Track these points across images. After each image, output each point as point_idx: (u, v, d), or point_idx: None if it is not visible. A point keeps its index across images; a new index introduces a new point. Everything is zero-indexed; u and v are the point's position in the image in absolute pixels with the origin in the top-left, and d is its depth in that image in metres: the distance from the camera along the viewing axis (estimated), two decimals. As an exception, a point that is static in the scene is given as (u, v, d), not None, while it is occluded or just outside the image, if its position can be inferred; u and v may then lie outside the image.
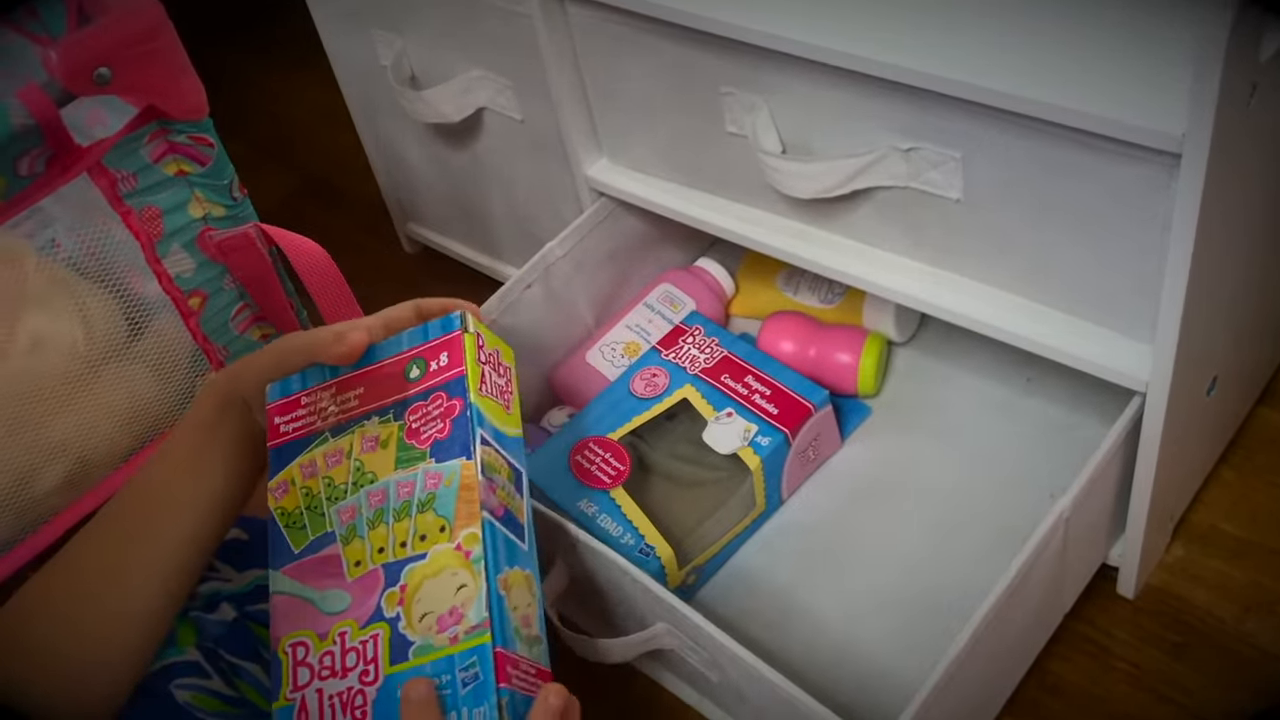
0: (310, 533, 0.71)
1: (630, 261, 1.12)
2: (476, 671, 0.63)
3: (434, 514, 0.69)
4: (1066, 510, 0.78)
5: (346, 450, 0.73)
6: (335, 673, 0.67)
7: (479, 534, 0.67)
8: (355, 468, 0.72)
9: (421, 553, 0.68)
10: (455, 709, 0.63)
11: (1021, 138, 0.73)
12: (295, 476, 0.73)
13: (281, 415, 0.75)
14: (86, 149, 0.81)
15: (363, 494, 0.71)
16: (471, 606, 0.65)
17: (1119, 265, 0.75)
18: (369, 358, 0.74)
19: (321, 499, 0.72)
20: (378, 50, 1.15)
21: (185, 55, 0.81)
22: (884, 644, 0.88)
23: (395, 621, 0.66)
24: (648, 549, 0.88)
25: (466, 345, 0.72)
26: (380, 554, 0.69)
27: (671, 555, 0.88)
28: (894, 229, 0.86)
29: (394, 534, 0.69)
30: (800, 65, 0.80)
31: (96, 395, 0.89)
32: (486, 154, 1.15)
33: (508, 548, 0.69)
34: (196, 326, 0.92)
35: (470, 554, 0.66)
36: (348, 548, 0.70)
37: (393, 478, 0.71)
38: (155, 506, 0.73)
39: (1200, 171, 0.65)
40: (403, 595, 0.67)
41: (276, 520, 0.73)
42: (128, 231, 0.86)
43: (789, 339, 1.05)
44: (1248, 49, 0.63)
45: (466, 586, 0.66)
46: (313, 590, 0.70)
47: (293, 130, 1.69)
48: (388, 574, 0.68)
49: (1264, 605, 0.89)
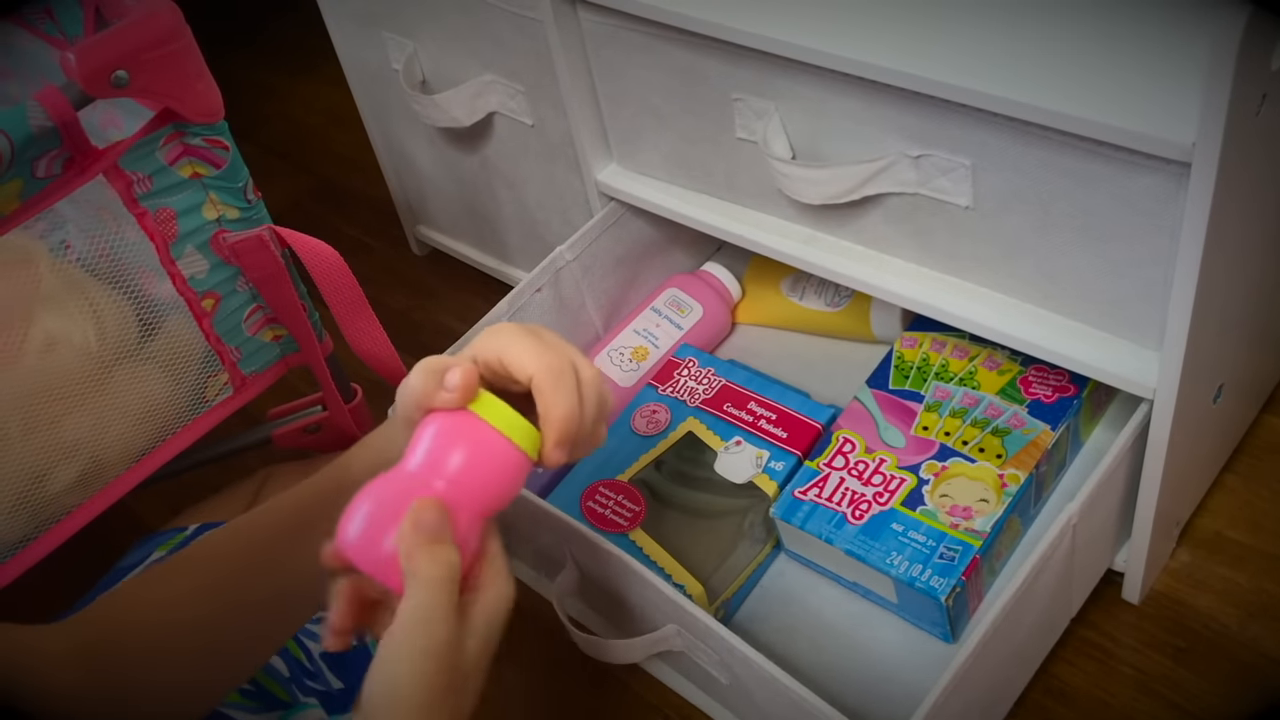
0: (909, 384, 0.96)
1: (638, 266, 1.13)
2: (955, 558, 0.84)
3: (1000, 443, 0.90)
4: (1075, 516, 0.79)
5: (972, 355, 0.96)
6: (860, 477, 0.90)
7: (1021, 480, 0.87)
8: (970, 371, 0.95)
9: (972, 457, 0.89)
10: (925, 564, 0.84)
11: (1031, 146, 0.73)
12: (927, 342, 0.98)
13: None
14: (103, 151, 0.82)
15: (962, 390, 0.94)
16: (982, 518, 0.86)
17: (1127, 273, 0.76)
18: None
19: (932, 370, 0.96)
20: (389, 53, 1.16)
21: (201, 58, 0.81)
22: (892, 648, 0.88)
23: (924, 482, 0.89)
24: (677, 588, 0.87)
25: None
26: (945, 435, 0.92)
27: (702, 592, 0.88)
28: (902, 235, 0.87)
29: (964, 431, 0.92)
30: (811, 72, 0.81)
31: (109, 395, 0.90)
32: (497, 158, 1.16)
33: (1025, 501, 0.88)
34: (210, 328, 0.93)
35: (1007, 487, 0.87)
36: (925, 413, 0.94)
37: (991, 397, 0.93)
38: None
39: (1210, 180, 0.65)
40: (941, 471, 0.89)
41: (892, 355, 0.98)
42: (142, 233, 0.86)
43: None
44: (1259, 58, 0.63)
45: (988, 503, 0.86)
46: (882, 417, 0.94)
47: (303, 133, 1.70)
48: (940, 451, 0.91)
49: (1268, 611, 0.90)
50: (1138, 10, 0.73)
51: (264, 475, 1.02)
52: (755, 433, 0.97)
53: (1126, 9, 0.74)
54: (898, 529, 0.87)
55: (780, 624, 0.92)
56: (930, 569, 0.84)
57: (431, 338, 1.30)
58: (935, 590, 0.83)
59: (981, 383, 0.95)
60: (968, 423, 0.92)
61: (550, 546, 0.91)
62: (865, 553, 0.86)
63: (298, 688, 0.82)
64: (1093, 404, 0.93)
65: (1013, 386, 0.93)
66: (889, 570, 0.85)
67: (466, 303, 1.33)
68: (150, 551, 0.91)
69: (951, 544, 0.85)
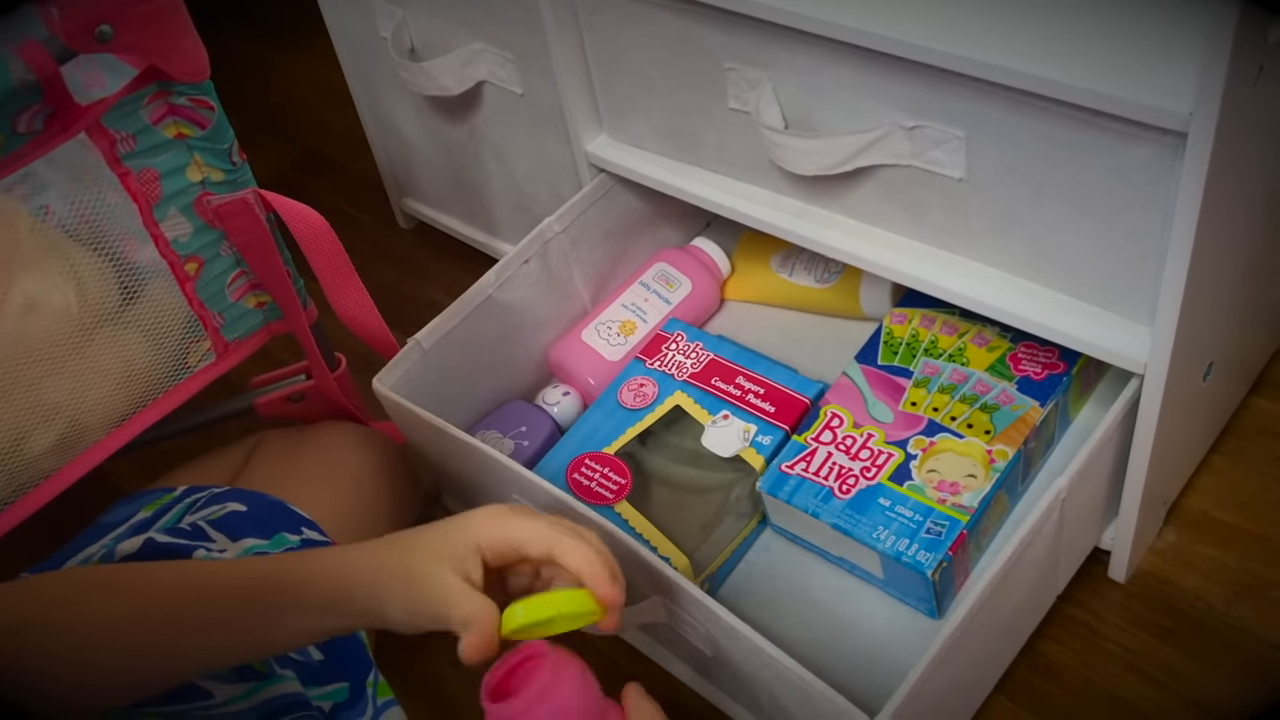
0: (898, 360, 0.95)
1: (627, 239, 1.12)
2: (942, 533, 0.83)
3: (989, 418, 0.89)
4: (1063, 491, 0.78)
5: (961, 331, 0.95)
6: (848, 452, 0.90)
7: (1009, 456, 0.87)
8: (959, 347, 0.94)
9: (960, 433, 0.89)
10: (912, 539, 0.84)
11: (1027, 116, 0.73)
12: (916, 318, 0.97)
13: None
14: (86, 108, 0.80)
15: (951, 366, 0.94)
16: (969, 493, 0.85)
17: (1120, 247, 0.75)
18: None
19: (921, 345, 0.95)
20: (378, 21, 1.15)
21: (187, 16, 0.80)
22: (878, 623, 0.88)
23: (912, 458, 0.88)
24: (663, 560, 0.87)
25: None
26: (934, 411, 0.91)
27: (688, 564, 0.88)
28: (895, 208, 0.86)
29: (952, 407, 0.91)
30: (804, 40, 0.80)
31: (90, 359, 0.89)
32: (485, 128, 1.15)
33: (1012, 478, 0.87)
34: (193, 292, 0.92)
35: (995, 462, 0.87)
36: (914, 389, 0.93)
37: (980, 373, 0.92)
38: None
39: (1206, 152, 0.65)
40: (929, 446, 0.89)
41: (881, 330, 0.97)
42: (124, 195, 0.85)
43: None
44: (1257, 29, 0.63)
45: (975, 478, 0.86)
46: (870, 392, 0.93)
47: (290, 104, 1.68)
48: (928, 426, 0.90)
49: (1253, 591, 0.90)
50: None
51: (255, 440, 1.01)
52: (743, 407, 0.96)
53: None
54: (885, 504, 0.86)
55: (766, 599, 0.91)
56: (917, 544, 0.83)
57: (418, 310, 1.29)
58: (921, 565, 0.83)
59: (970, 359, 0.94)
60: (956, 398, 0.92)
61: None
62: (852, 527, 0.86)
63: (275, 660, 0.81)
64: (1082, 381, 0.93)
65: (1002, 363, 0.93)
66: (875, 545, 0.85)
67: (453, 276, 1.31)
68: (136, 510, 0.89)
69: (939, 519, 0.84)
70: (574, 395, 1.05)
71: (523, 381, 1.09)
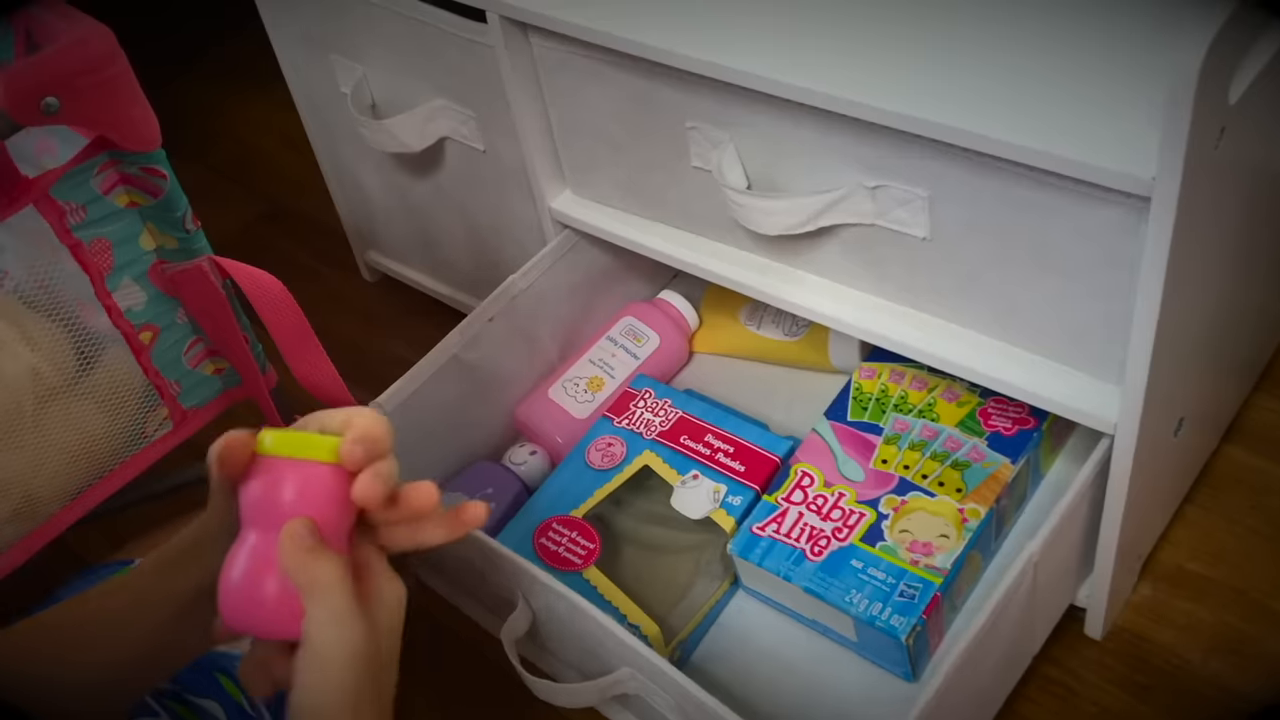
0: (867, 415, 0.94)
1: (594, 294, 1.11)
2: (915, 595, 0.82)
3: (960, 476, 0.88)
4: (1036, 553, 0.77)
5: (931, 386, 0.94)
6: (819, 512, 0.88)
7: (982, 515, 0.85)
8: (929, 403, 0.93)
9: (932, 491, 0.88)
10: (885, 603, 0.82)
11: (989, 178, 0.72)
12: (885, 373, 0.96)
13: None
14: (34, 180, 0.78)
15: (921, 422, 0.92)
16: (942, 554, 0.84)
17: (1087, 306, 0.75)
18: None
19: (891, 401, 0.94)
20: (337, 77, 1.13)
21: (137, 85, 0.78)
22: (853, 687, 0.86)
23: (884, 517, 0.87)
24: (632, 629, 0.85)
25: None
26: (905, 469, 0.90)
27: (658, 632, 0.86)
28: (859, 266, 0.85)
29: (923, 464, 0.90)
30: (766, 101, 0.79)
31: (44, 431, 0.87)
32: (448, 184, 1.14)
33: (985, 536, 0.87)
34: (148, 361, 0.90)
35: (967, 522, 0.85)
36: (884, 446, 0.92)
37: (950, 429, 0.91)
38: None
39: (1170, 214, 0.64)
40: (900, 505, 0.87)
41: (850, 386, 0.96)
42: (77, 264, 0.83)
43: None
44: (1217, 91, 0.62)
45: (948, 538, 0.85)
46: (840, 450, 0.92)
47: (254, 156, 1.66)
48: (900, 485, 0.89)
49: (1229, 645, 0.89)
50: (1095, 43, 0.72)
51: None
52: (713, 466, 0.95)
53: (1084, 41, 0.73)
54: (857, 566, 0.85)
55: (738, 663, 0.90)
56: (890, 607, 0.82)
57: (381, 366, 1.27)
58: (895, 630, 0.81)
59: (941, 414, 0.93)
60: (927, 455, 0.91)
61: (501, 586, 0.89)
62: (824, 590, 0.84)
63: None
64: (1053, 436, 0.92)
65: (972, 418, 0.92)
66: (848, 609, 0.83)
67: (418, 331, 1.29)
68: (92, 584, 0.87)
69: (912, 581, 0.83)
70: (541, 454, 1.04)
71: (489, 440, 1.07)
